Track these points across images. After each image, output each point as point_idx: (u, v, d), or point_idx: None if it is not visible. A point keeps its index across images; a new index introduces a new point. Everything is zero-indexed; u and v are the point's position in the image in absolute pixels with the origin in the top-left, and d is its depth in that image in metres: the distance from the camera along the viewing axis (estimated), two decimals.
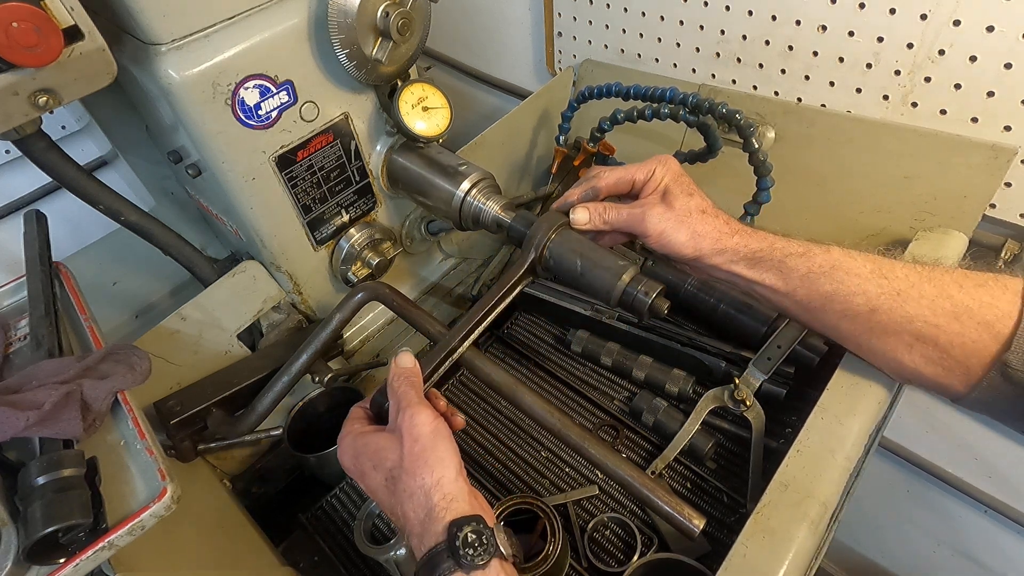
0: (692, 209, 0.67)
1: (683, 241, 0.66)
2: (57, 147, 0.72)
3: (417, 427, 0.55)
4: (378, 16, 0.73)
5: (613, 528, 0.80)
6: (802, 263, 0.63)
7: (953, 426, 1.13)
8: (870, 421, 0.64)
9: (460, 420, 0.65)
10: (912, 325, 0.58)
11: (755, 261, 0.65)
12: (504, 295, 0.71)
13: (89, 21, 0.59)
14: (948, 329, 0.56)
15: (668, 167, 0.69)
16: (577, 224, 0.71)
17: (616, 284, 0.65)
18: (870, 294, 0.59)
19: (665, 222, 0.66)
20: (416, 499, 0.52)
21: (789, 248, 0.64)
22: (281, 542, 0.87)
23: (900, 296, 0.58)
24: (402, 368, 0.62)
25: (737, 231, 0.66)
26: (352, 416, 0.64)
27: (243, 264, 0.88)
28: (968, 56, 0.75)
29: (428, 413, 0.56)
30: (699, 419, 0.83)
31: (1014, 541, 1.18)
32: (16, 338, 0.69)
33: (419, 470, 0.53)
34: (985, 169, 0.77)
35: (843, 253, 0.62)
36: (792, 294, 0.64)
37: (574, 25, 1.18)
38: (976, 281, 0.57)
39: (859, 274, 0.60)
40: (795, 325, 0.83)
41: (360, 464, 0.58)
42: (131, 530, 0.50)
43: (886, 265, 0.60)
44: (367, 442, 0.58)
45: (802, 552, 0.56)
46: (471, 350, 0.70)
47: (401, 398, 0.59)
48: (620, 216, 0.69)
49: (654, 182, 0.70)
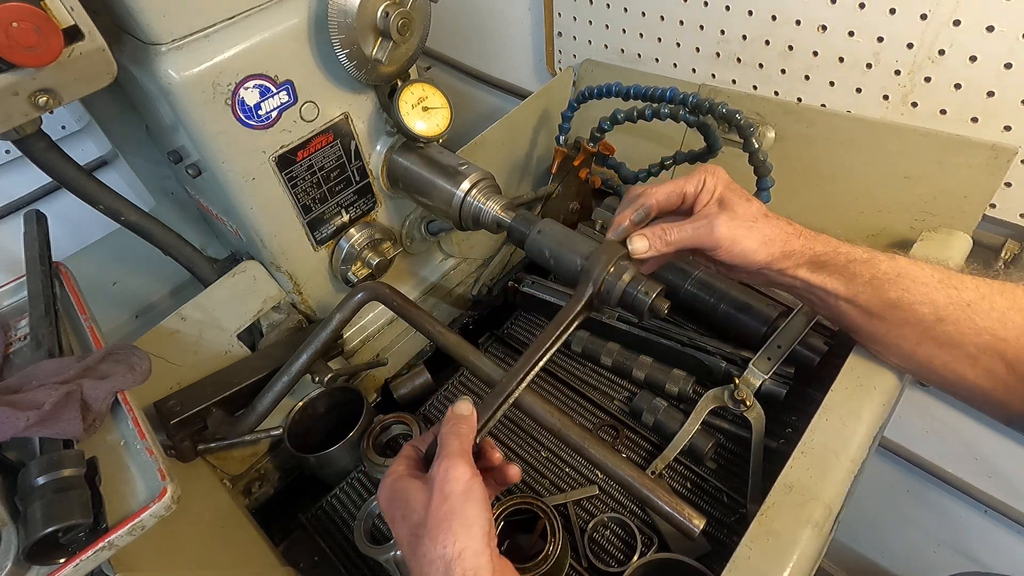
0: (756, 214, 0.64)
1: (755, 247, 0.63)
2: (57, 147, 0.72)
3: (449, 483, 0.51)
4: (378, 16, 0.72)
5: (613, 528, 0.80)
6: (866, 269, 0.61)
7: (953, 426, 1.13)
8: (875, 423, 0.64)
9: (515, 472, 0.62)
10: (980, 337, 0.56)
11: (819, 265, 0.64)
12: (561, 333, 0.66)
13: (89, 21, 0.59)
14: (1017, 344, 0.55)
15: (718, 176, 0.66)
16: (637, 254, 0.66)
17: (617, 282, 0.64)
18: (938, 303, 0.58)
19: (735, 230, 0.63)
20: (435, 568, 0.48)
21: (853, 253, 0.63)
22: (281, 542, 0.88)
23: (970, 307, 0.57)
24: (455, 415, 0.58)
25: (801, 233, 0.65)
26: (402, 454, 0.61)
27: (243, 264, 0.88)
28: (968, 56, 0.75)
29: (464, 469, 0.52)
30: (699, 419, 0.83)
31: (1014, 541, 1.18)
32: (16, 338, 0.69)
33: (442, 535, 0.49)
34: (985, 169, 0.77)
35: (909, 261, 0.61)
36: (854, 299, 0.62)
37: (574, 25, 1.18)
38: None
39: (926, 283, 0.59)
40: (795, 325, 0.83)
41: (392, 511, 0.55)
42: (131, 530, 0.50)
43: (955, 276, 0.59)
44: (402, 487, 0.55)
45: (806, 555, 0.56)
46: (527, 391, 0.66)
47: (443, 445, 0.55)
48: (684, 233, 0.65)
49: (707, 192, 0.66)
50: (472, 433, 0.57)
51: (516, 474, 0.61)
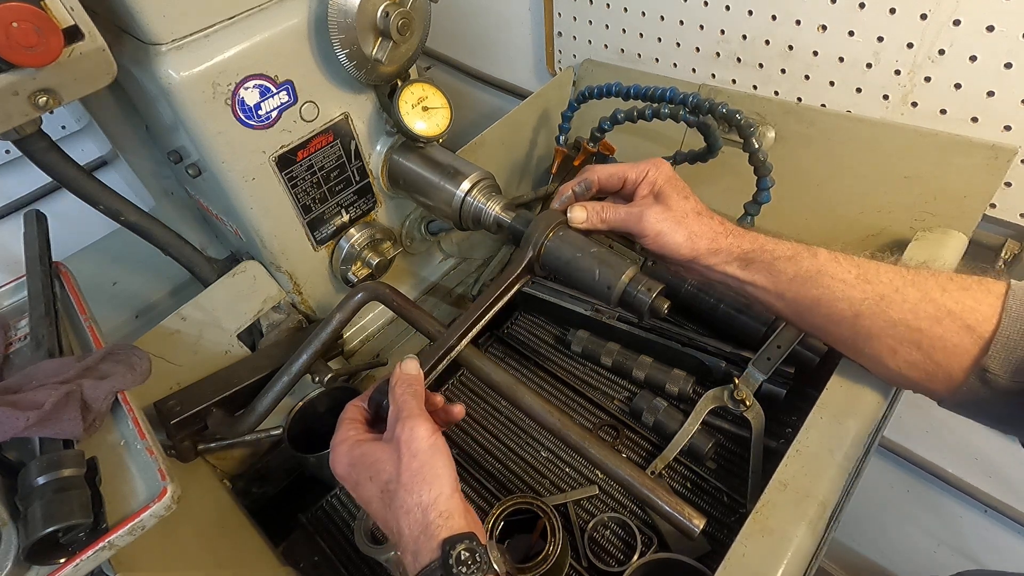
0: (688, 211, 0.68)
1: (680, 242, 0.66)
2: (57, 147, 0.72)
3: (416, 441, 0.55)
4: (378, 16, 0.73)
5: (613, 528, 0.80)
6: (790, 266, 0.63)
7: (953, 426, 1.13)
8: (869, 420, 0.64)
9: (459, 409, 0.65)
10: (895, 330, 0.58)
11: (747, 262, 0.66)
12: (502, 293, 0.71)
13: (89, 21, 0.59)
14: (930, 333, 0.56)
15: (661, 170, 0.70)
16: (575, 222, 0.71)
17: (617, 282, 0.65)
18: (854, 299, 0.60)
19: (663, 222, 0.67)
20: (413, 515, 0.52)
21: (778, 250, 0.64)
22: (281, 542, 0.87)
23: (883, 301, 0.58)
24: (406, 375, 0.62)
25: (730, 232, 0.67)
26: (348, 417, 0.63)
27: (243, 264, 0.88)
28: (968, 56, 0.75)
29: (427, 426, 0.56)
30: (699, 419, 0.83)
31: (1014, 541, 1.18)
32: (16, 338, 0.69)
33: (416, 486, 0.53)
34: (985, 169, 0.77)
35: (829, 257, 0.62)
36: (782, 296, 0.64)
37: (574, 25, 1.18)
38: (960, 284, 0.57)
39: (844, 280, 0.60)
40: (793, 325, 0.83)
41: (355, 474, 0.57)
42: (131, 530, 0.50)
43: (871, 270, 0.60)
44: (364, 452, 0.58)
45: (801, 551, 0.56)
46: (470, 349, 0.70)
47: (402, 407, 0.58)
48: (618, 215, 0.70)
49: (648, 183, 0.70)
50: (423, 390, 0.62)
51: (460, 411, 0.66)
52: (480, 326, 0.70)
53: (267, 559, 0.80)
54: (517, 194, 1.01)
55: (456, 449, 0.92)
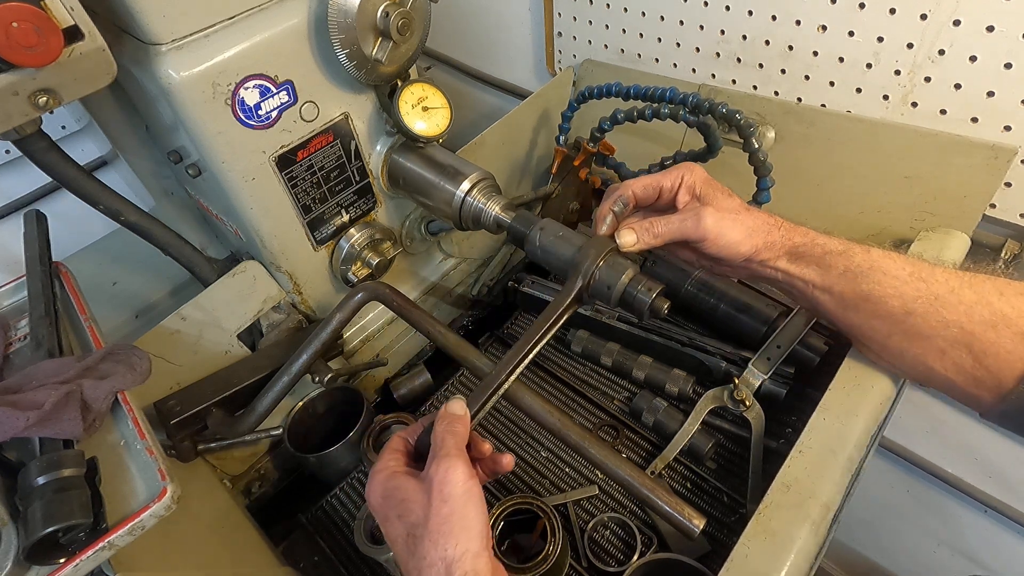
0: (738, 207, 0.66)
1: (740, 239, 0.65)
2: (57, 147, 0.72)
3: (449, 485, 0.51)
4: (378, 16, 0.73)
5: (613, 528, 0.80)
6: (841, 260, 0.62)
7: (953, 426, 1.13)
8: (872, 421, 0.64)
9: (508, 460, 0.62)
10: (947, 331, 0.57)
11: (797, 255, 0.65)
12: (551, 325, 0.67)
13: (89, 21, 0.59)
14: (983, 337, 0.55)
15: (695, 173, 0.68)
16: (625, 247, 0.67)
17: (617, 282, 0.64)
18: (906, 297, 0.59)
19: (721, 222, 0.64)
20: (435, 570, 0.49)
21: (829, 245, 0.64)
22: (281, 542, 0.88)
23: (938, 301, 0.57)
24: (449, 413, 0.58)
25: (781, 225, 0.66)
26: (391, 447, 0.60)
27: (243, 264, 0.88)
28: (968, 56, 0.75)
29: (464, 470, 0.53)
30: (699, 419, 0.83)
31: (1014, 541, 1.18)
32: (16, 338, 0.69)
33: (442, 538, 0.49)
34: (985, 169, 0.77)
35: (882, 254, 0.62)
36: (830, 289, 0.64)
37: (574, 25, 1.18)
38: (1018, 290, 0.56)
39: (897, 276, 0.60)
40: (795, 325, 0.83)
41: (386, 509, 0.55)
42: (131, 530, 0.50)
43: (926, 269, 0.60)
44: (397, 485, 0.55)
45: (804, 553, 0.56)
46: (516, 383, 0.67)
47: (440, 446, 0.55)
48: (671, 227, 0.66)
49: (686, 188, 0.68)
50: (466, 432, 0.58)
51: (509, 462, 0.62)
52: (528, 361, 0.66)
53: (267, 559, 0.81)
54: (517, 194, 1.02)
55: None
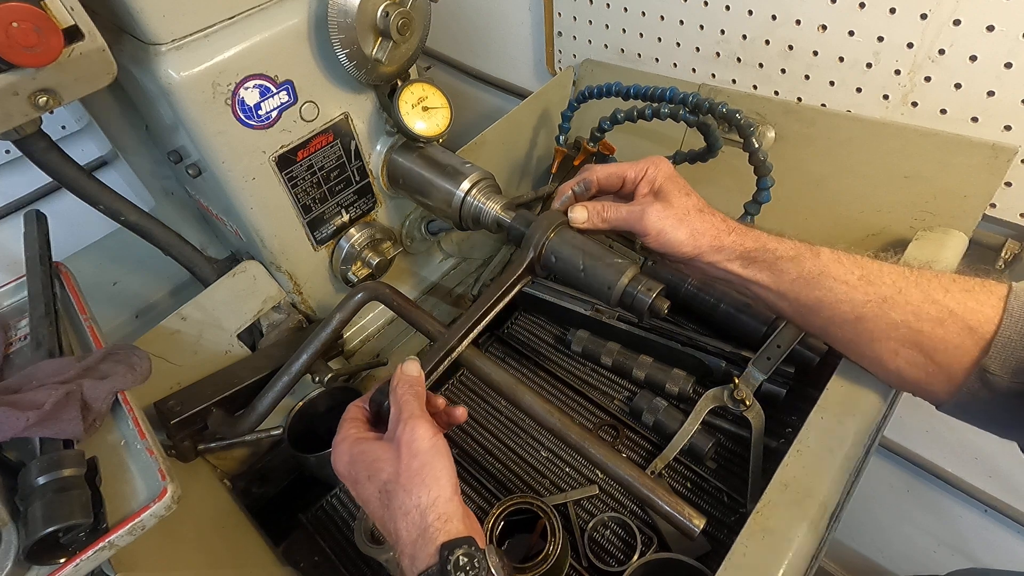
0: (690, 208, 0.67)
1: (682, 239, 0.66)
2: (57, 147, 0.72)
3: (416, 441, 0.54)
4: (378, 16, 0.73)
5: (613, 528, 0.80)
6: (792, 267, 0.63)
7: (953, 426, 1.12)
8: (870, 420, 0.64)
9: (461, 412, 0.65)
10: (897, 331, 0.58)
11: (749, 260, 0.65)
12: (503, 294, 0.71)
13: (89, 21, 0.59)
14: (932, 334, 0.56)
15: (660, 167, 0.70)
16: (576, 222, 0.70)
17: (617, 282, 0.65)
18: (856, 302, 0.60)
19: (664, 220, 0.66)
20: (411, 518, 0.52)
21: (781, 250, 0.64)
22: (281, 542, 0.88)
23: (886, 303, 0.58)
24: (407, 376, 0.61)
25: (733, 229, 0.66)
26: (349, 416, 0.63)
27: (243, 264, 0.88)
28: (968, 56, 0.75)
29: (428, 427, 0.56)
30: (699, 419, 0.83)
31: (1014, 541, 1.18)
32: (16, 338, 0.69)
33: (415, 488, 0.52)
34: (985, 169, 0.77)
35: (832, 258, 0.62)
36: (784, 295, 0.64)
37: (574, 25, 1.18)
38: (963, 286, 0.57)
39: (846, 281, 0.60)
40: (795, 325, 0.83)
41: (355, 472, 0.57)
42: (131, 530, 0.50)
43: (874, 271, 0.60)
44: (364, 450, 0.57)
45: (801, 551, 0.56)
46: (470, 349, 0.70)
47: (403, 407, 0.58)
48: (619, 214, 0.69)
49: (647, 181, 0.70)
50: (424, 391, 0.61)
51: (463, 414, 0.65)
52: (481, 327, 0.70)
53: (267, 559, 0.81)
54: (517, 194, 1.01)
55: (456, 449, 0.92)
